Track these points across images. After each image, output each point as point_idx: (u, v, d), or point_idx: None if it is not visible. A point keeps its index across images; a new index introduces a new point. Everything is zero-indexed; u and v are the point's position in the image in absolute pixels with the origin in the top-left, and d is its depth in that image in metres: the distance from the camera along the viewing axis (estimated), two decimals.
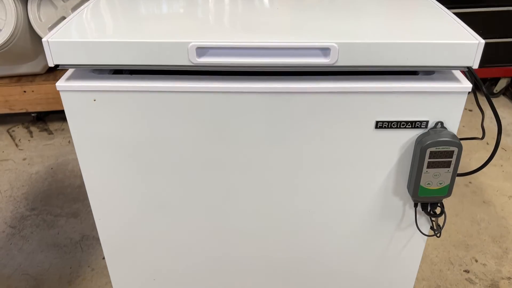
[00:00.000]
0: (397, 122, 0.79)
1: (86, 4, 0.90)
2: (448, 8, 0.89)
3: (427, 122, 0.79)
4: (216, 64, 0.74)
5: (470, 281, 1.49)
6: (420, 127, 0.80)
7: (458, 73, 0.79)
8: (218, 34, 0.76)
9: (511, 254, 1.59)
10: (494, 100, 2.33)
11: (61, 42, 0.72)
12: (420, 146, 0.78)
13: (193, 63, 0.74)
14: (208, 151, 0.84)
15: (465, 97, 0.76)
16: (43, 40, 0.72)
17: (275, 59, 0.74)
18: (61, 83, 0.76)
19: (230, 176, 0.87)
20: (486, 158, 0.82)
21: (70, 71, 0.80)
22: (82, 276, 1.49)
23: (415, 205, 0.87)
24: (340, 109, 0.78)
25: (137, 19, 0.82)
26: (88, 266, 1.52)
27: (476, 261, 1.56)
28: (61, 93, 0.76)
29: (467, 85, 0.75)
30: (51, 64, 0.74)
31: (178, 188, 0.88)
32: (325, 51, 0.74)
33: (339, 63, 0.74)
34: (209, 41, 0.73)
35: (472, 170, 0.88)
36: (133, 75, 0.79)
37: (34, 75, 2.10)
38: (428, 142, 0.77)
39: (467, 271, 1.52)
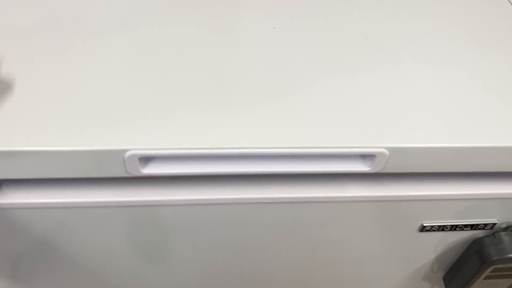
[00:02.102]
0: (451, 226, 0.54)
1: None
2: None
3: (493, 224, 0.54)
4: (176, 174, 0.44)
5: None
6: (483, 229, 0.55)
7: None
8: (176, 126, 0.43)
9: None
10: None
11: None
12: (480, 258, 0.55)
13: (135, 175, 0.43)
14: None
15: None
16: None
17: (271, 167, 0.44)
18: None
19: None
20: None
21: None
22: None
23: None
24: (371, 215, 0.52)
25: (43, 98, 0.45)
26: None
27: None
28: None
29: None
30: None
31: None
32: (367, 157, 0.44)
33: (384, 171, 0.45)
34: (159, 148, 0.41)
35: None
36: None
37: None
38: (494, 259, 0.53)
39: None
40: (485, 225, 0.54)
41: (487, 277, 0.57)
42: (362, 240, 0.56)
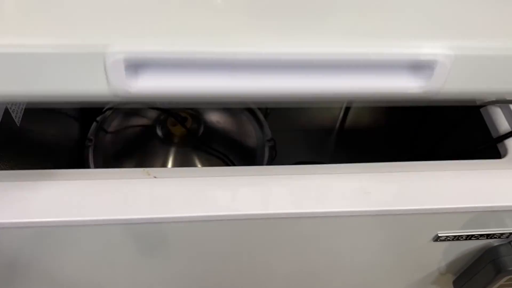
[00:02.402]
0: (466, 235, 0.51)
1: None
2: None
3: (510, 233, 0.52)
4: (177, 91, 0.31)
5: None
6: (499, 238, 0.53)
7: None
8: (179, 22, 0.31)
9: None
10: None
11: None
12: (495, 267, 0.53)
13: (121, 93, 0.31)
14: None
15: None
16: None
17: (289, 79, 0.32)
18: None
19: None
20: None
21: None
22: None
23: None
24: (386, 228, 0.49)
25: None
26: None
27: None
28: None
29: None
30: None
31: None
32: (419, 69, 0.31)
33: (442, 90, 0.31)
34: (152, 50, 0.29)
35: None
36: None
37: None
38: (510, 269, 0.51)
39: None
40: (501, 234, 0.52)
41: (501, 286, 0.55)
42: (374, 249, 0.54)
